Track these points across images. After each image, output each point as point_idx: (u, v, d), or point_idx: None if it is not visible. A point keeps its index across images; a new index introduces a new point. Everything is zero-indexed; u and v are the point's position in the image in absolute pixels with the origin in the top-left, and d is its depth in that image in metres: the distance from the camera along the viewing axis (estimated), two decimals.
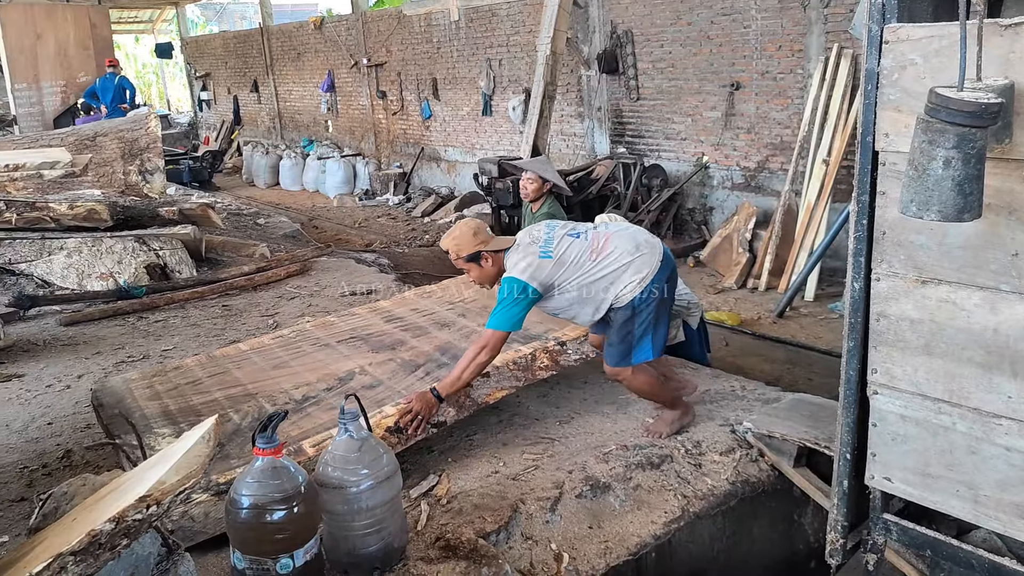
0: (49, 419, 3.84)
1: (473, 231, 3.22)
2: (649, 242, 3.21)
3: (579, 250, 3.13)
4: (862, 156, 2.17)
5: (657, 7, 8.20)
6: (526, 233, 3.30)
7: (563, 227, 3.28)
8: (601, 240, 3.17)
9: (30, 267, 5.90)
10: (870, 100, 2.11)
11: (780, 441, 3.12)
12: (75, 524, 1.65)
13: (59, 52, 12.16)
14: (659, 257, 3.15)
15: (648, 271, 3.11)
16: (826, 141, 6.75)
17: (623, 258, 3.11)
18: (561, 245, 3.15)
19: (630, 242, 3.16)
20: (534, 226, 3.35)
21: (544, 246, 3.16)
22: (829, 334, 5.76)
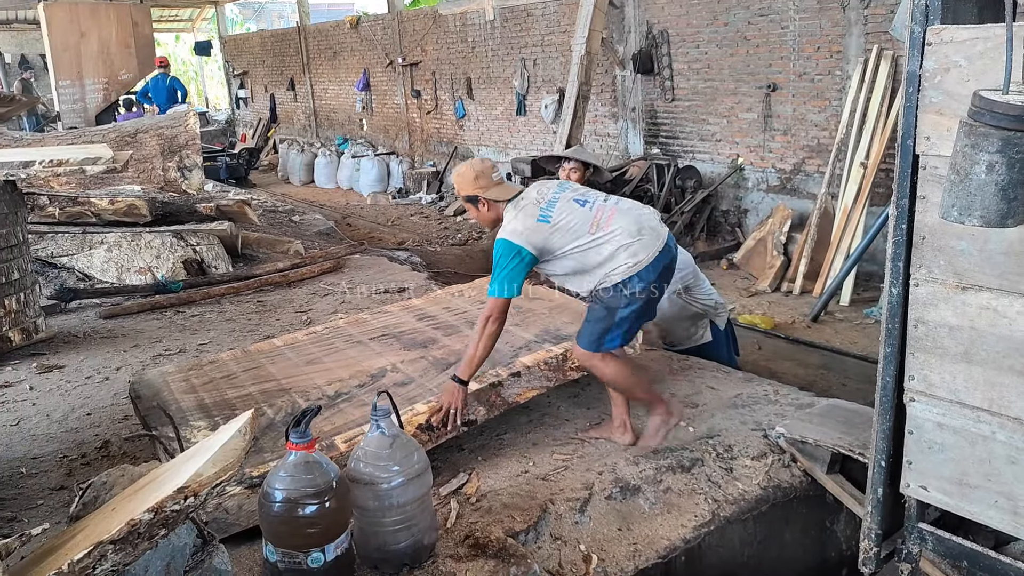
0: (88, 410, 3.92)
1: (475, 174, 3.15)
2: (653, 228, 3.08)
3: (580, 220, 3.02)
4: (902, 159, 2.14)
5: (694, 7, 8.15)
6: (535, 188, 3.19)
7: (573, 191, 3.17)
8: (606, 214, 3.05)
9: (71, 260, 6.02)
10: (911, 103, 2.08)
11: (813, 447, 3.09)
12: (114, 514, 1.69)
13: (102, 50, 12.38)
14: (659, 246, 3.03)
15: (644, 257, 2.99)
16: (864, 143, 6.66)
17: (621, 238, 2.99)
18: (563, 211, 3.04)
19: (633, 223, 3.03)
20: (545, 183, 3.25)
21: (546, 208, 3.06)
22: (865, 339, 5.68)
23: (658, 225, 3.12)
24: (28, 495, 3.10)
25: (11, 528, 2.83)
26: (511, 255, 2.98)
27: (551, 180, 3.25)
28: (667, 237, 3.09)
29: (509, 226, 3.03)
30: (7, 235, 4.52)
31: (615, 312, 3.03)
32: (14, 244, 4.59)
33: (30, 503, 3.03)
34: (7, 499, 3.06)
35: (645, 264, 2.98)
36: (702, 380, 3.94)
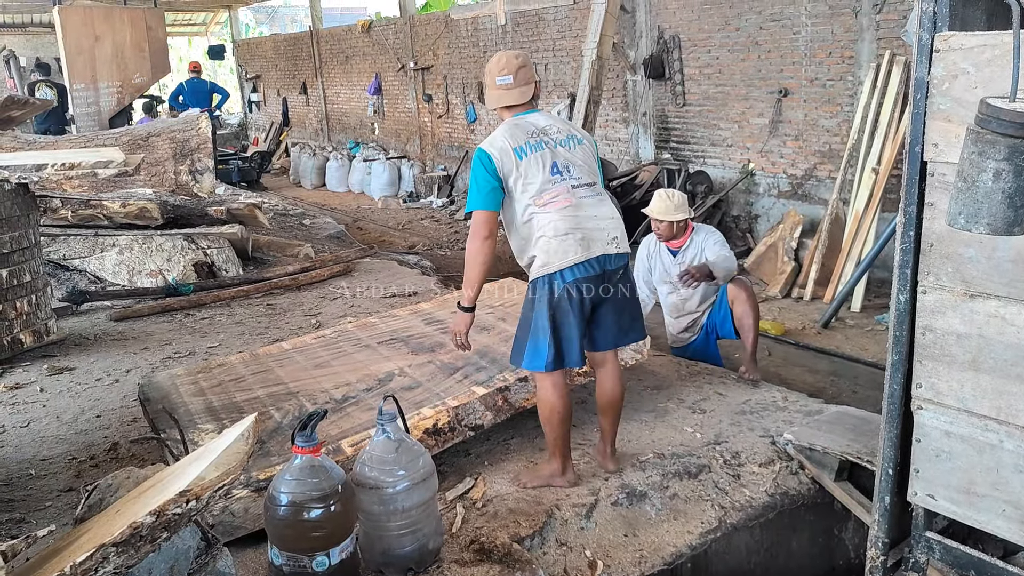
0: (98, 412, 3.94)
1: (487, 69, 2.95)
2: (597, 233, 2.80)
3: (537, 184, 2.79)
4: (910, 166, 2.13)
5: (705, 12, 8.14)
6: (544, 119, 2.95)
7: (568, 152, 2.88)
8: (560, 194, 2.80)
9: (83, 263, 6.06)
10: (919, 109, 2.07)
11: (821, 454, 3.07)
12: (118, 516, 1.70)
13: (116, 54, 12.45)
14: (591, 255, 2.78)
15: (559, 262, 2.75)
16: (876, 149, 6.63)
17: (546, 229, 2.77)
18: (536, 162, 2.81)
19: (572, 220, 2.77)
20: (557, 122, 2.97)
21: (530, 147, 2.82)
22: (875, 346, 5.65)
23: (611, 229, 2.85)
24: (37, 496, 3.12)
25: (19, 529, 2.85)
26: (478, 162, 2.82)
27: (565, 124, 3.02)
28: (615, 254, 2.84)
29: (491, 136, 2.88)
30: (19, 238, 4.56)
31: (530, 318, 2.86)
32: (26, 246, 4.63)
33: (39, 505, 3.05)
34: (16, 500, 3.08)
35: (562, 268, 2.76)
36: (710, 386, 3.93)
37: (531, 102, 2.95)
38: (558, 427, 2.91)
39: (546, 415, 2.91)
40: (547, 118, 2.97)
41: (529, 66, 2.94)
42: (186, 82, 13.18)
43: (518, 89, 2.90)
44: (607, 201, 2.95)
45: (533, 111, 2.95)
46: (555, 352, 2.81)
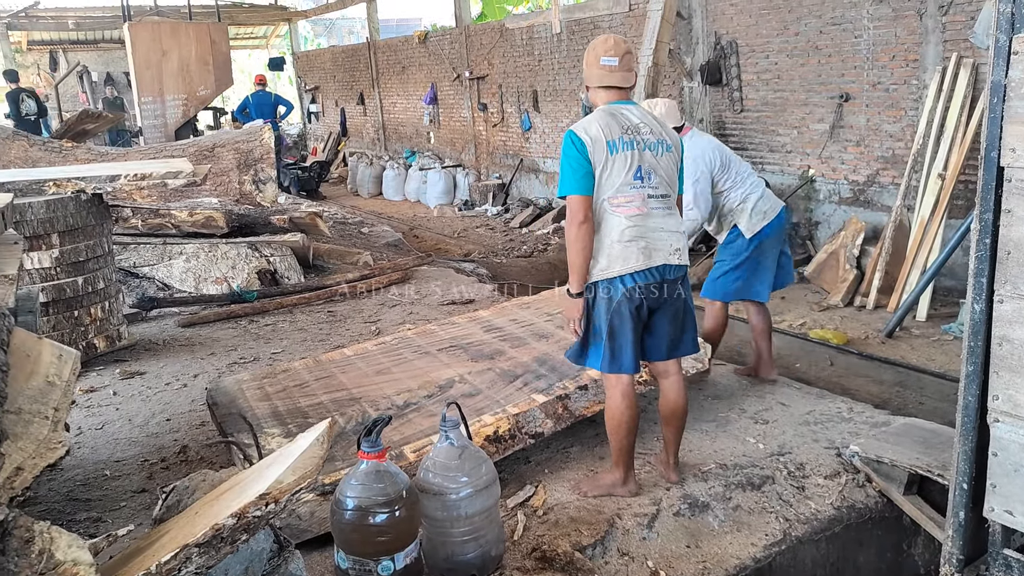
0: (167, 415, 4.06)
1: (590, 48, 2.89)
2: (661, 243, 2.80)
3: (618, 184, 2.76)
4: (986, 172, 2.07)
5: (763, 17, 8.04)
6: (639, 111, 2.88)
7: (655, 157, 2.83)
8: (634, 200, 2.78)
9: (152, 270, 6.25)
10: (995, 114, 2.02)
11: (889, 467, 3.01)
12: (197, 517, 1.75)
13: (182, 67, 12.85)
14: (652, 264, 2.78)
15: (620, 268, 2.76)
16: (942, 154, 6.46)
17: (613, 232, 2.76)
18: (624, 163, 2.76)
19: (639, 228, 2.76)
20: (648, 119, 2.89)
21: (625, 144, 2.76)
22: (942, 356, 5.49)
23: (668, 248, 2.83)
24: (112, 497, 3.22)
25: (96, 528, 2.95)
26: (570, 145, 2.77)
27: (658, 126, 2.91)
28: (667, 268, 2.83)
29: (585, 120, 2.82)
30: (94, 246, 4.73)
31: (591, 319, 2.85)
32: (100, 255, 4.80)
33: (114, 504, 3.16)
34: (93, 500, 3.19)
35: (615, 274, 2.77)
36: (773, 396, 3.88)
37: (628, 92, 2.90)
38: (624, 437, 2.90)
39: (614, 424, 2.90)
40: (642, 114, 2.91)
41: (634, 54, 2.92)
42: (252, 95, 13.55)
43: (620, 73, 2.85)
44: (676, 215, 2.94)
45: (630, 103, 2.90)
46: (611, 356, 2.82)
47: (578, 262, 2.79)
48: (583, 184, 2.75)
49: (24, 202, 4.40)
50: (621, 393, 2.86)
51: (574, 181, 2.75)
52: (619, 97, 2.89)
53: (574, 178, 2.75)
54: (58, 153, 7.62)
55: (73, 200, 4.59)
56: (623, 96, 2.90)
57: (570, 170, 2.76)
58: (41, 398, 1.80)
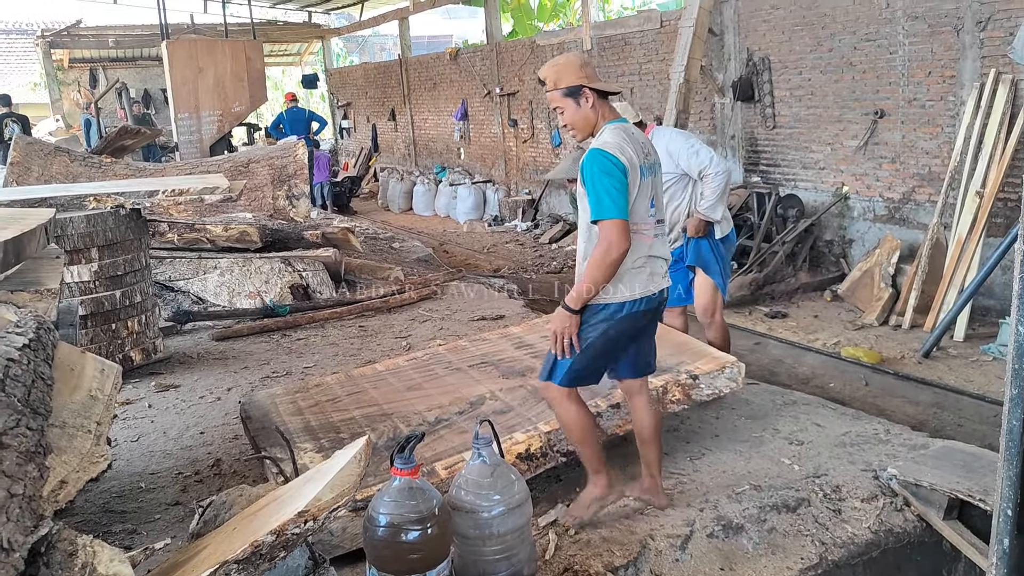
0: (201, 429, 4.10)
1: (581, 62, 2.75)
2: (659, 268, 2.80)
3: (640, 213, 2.70)
4: None
5: (796, 33, 8.00)
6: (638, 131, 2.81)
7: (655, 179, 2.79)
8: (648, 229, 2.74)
9: (187, 284, 6.34)
10: None
11: (929, 491, 2.95)
12: (235, 533, 1.76)
13: (217, 84, 13.07)
14: (655, 289, 2.78)
15: (628, 293, 2.71)
16: (980, 172, 6.37)
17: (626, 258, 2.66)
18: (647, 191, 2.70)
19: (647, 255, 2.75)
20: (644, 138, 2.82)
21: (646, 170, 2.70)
22: (981, 377, 5.39)
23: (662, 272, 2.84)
24: (147, 509, 3.26)
25: (132, 540, 2.98)
26: (612, 168, 2.61)
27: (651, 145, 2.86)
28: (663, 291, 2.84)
29: (611, 140, 2.66)
30: (132, 260, 4.81)
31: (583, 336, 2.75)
32: (138, 268, 4.87)
33: (148, 517, 3.19)
34: (128, 512, 3.22)
35: (622, 299, 2.71)
36: (807, 417, 3.82)
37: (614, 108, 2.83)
38: (592, 442, 2.87)
39: (579, 433, 2.84)
40: (639, 132, 2.82)
41: None
42: (286, 111, 13.71)
43: (602, 81, 2.79)
44: (666, 237, 2.99)
45: (623, 119, 2.80)
46: (580, 372, 2.77)
47: (599, 285, 2.67)
48: (624, 208, 2.62)
49: (65, 217, 4.49)
50: (574, 400, 2.82)
51: (615, 204, 2.60)
52: (615, 116, 2.78)
53: (617, 201, 2.60)
54: (98, 168, 7.77)
55: (112, 215, 4.67)
56: (615, 114, 2.79)
57: (615, 192, 2.60)
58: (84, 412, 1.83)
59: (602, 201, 2.60)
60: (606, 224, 2.60)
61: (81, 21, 18.91)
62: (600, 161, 2.63)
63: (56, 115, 18.88)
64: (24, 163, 7.37)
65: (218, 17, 16.58)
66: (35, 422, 1.60)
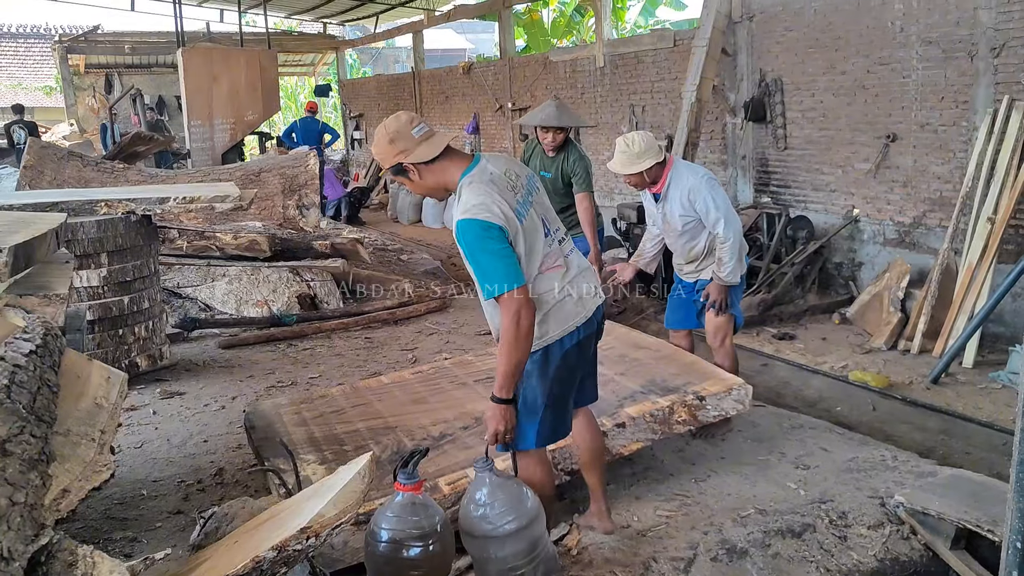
0: (205, 437, 4.10)
1: (390, 137, 2.47)
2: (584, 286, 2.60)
3: (540, 252, 2.50)
4: None
5: (810, 55, 8.01)
6: (493, 159, 2.52)
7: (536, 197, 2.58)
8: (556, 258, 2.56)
9: (195, 291, 6.35)
10: None
11: (936, 520, 2.91)
12: (237, 547, 1.75)
13: (231, 92, 13.15)
14: (588, 312, 2.59)
15: (560, 330, 2.52)
16: (992, 198, 6.33)
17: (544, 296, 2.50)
18: (533, 227, 2.48)
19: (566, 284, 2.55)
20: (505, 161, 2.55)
21: (523, 204, 2.45)
22: (990, 405, 5.34)
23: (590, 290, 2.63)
24: (148, 517, 3.25)
25: (132, 547, 2.97)
26: (485, 234, 2.36)
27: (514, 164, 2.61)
28: (598, 309, 2.66)
29: (473, 201, 2.39)
30: (141, 266, 4.82)
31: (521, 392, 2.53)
32: (146, 275, 4.89)
33: (149, 525, 3.18)
34: (129, 519, 3.22)
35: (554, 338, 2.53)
36: (814, 441, 3.80)
37: (462, 152, 2.61)
38: (548, 500, 2.65)
39: (545, 498, 2.61)
40: (495, 161, 2.54)
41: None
42: (300, 120, 13.77)
43: (439, 134, 2.53)
44: (575, 246, 2.72)
45: (476, 158, 2.53)
46: (551, 427, 2.60)
47: (520, 365, 2.43)
48: (518, 273, 2.38)
49: (76, 221, 4.51)
50: (541, 462, 2.66)
51: (506, 273, 2.36)
52: (464, 161, 2.52)
53: (506, 269, 2.36)
54: (110, 174, 7.81)
55: (123, 221, 4.69)
56: (464, 157, 2.55)
57: (499, 260, 2.36)
58: (89, 420, 1.82)
59: (491, 275, 2.38)
60: (504, 298, 2.36)
61: (99, 27, 19.08)
62: (472, 231, 2.38)
63: (71, 120, 19.01)
64: (37, 167, 7.41)
65: (234, 27, 16.72)
66: (39, 429, 1.59)
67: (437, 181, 2.53)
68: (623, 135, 3.95)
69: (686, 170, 3.94)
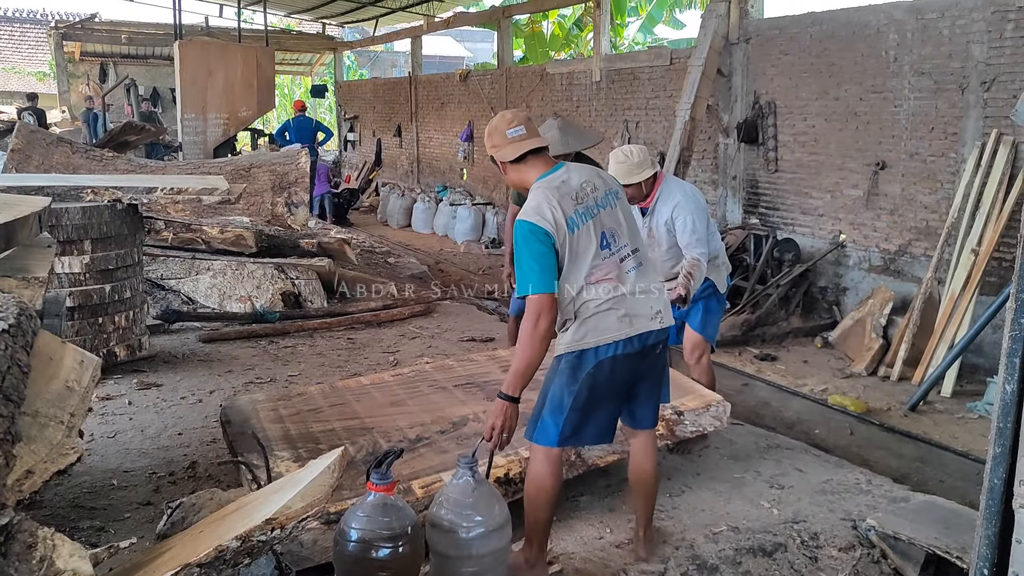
0: (179, 429, 4.06)
1: (488, 132, 2.71)
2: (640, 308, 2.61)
3: (589, 261, 2.55)
4: (1023, 252, 2.04)
5: (804, 80, 8.07)
6: (576, 170, 2.66)
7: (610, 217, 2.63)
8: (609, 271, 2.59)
9: (179, 284, 6.31)
10: None
11: (907, 544, 2.92)
12: (201, 537, 1.73)
13: (226, 87, 13.10)
14: (633, 332, 2.59)
15: (595, 339, 2.55)
16: (977, 229, 6.39)
17: (589, 304, 2.55)
18: (588, 236, 2.55)
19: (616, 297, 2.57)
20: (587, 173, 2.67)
21: (582, 215, 2.54)
22: (966, 435, 5.37)
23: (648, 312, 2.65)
24: (117, 507, 3.21)
25: (99, 537, 2.94)
26: (529, 235, 2.50)
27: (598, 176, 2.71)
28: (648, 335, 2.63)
29: (532, 205, 2.55)
30: (124, 256, 4.79)
31: (547, 389, 2.64)
32: (130, 264, 4.85)
33: (118, 515, 3.14)
34: (98, 508, 3.18)
35: (589, 345, 2.56)
36: (790, 461, 3.80)
37: (547, 155, 2.72)
38: (544, 509, 2.64)
39: (532, 493, 2.64)
40: (579, 171, 2.67)
41: (533, 121, 2.76)
42: (293, 119, 13.76)
43: (532, 139, 2.66)
44: (651, 268, 2.76)
45: (559, 166, 2.67)
46: (573, 429, 2.62)
47: (532, 367, 2.52)
48: (549, 281, 2.49)
49: (61, 207, 4.48)
50: (552, 463, 2.64)
51: (540, 278, 2.48)
52: (545, 165, 2.66)
53: (541, 274, 2.48)
54: (99, 162, 7.76)
55: (108, 209, 4.66)
56: (547, 162, 2.68)
57: (538, 265, 2.49)
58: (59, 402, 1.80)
59: (526, 274, 2.51)
60: (531, 298, 2.49)
61: (97, 15, 19.00)
62: (519, 232, 2.53)
63: (63, 106, 18.90)
64: (25, 151, 7.36)
65: (233, 22, 16.69)
66: (6, 409, 1.57)
67: (520, 178, 2.70)
68: (618, 147, 3.93)
69: (676, 186, 3.94)
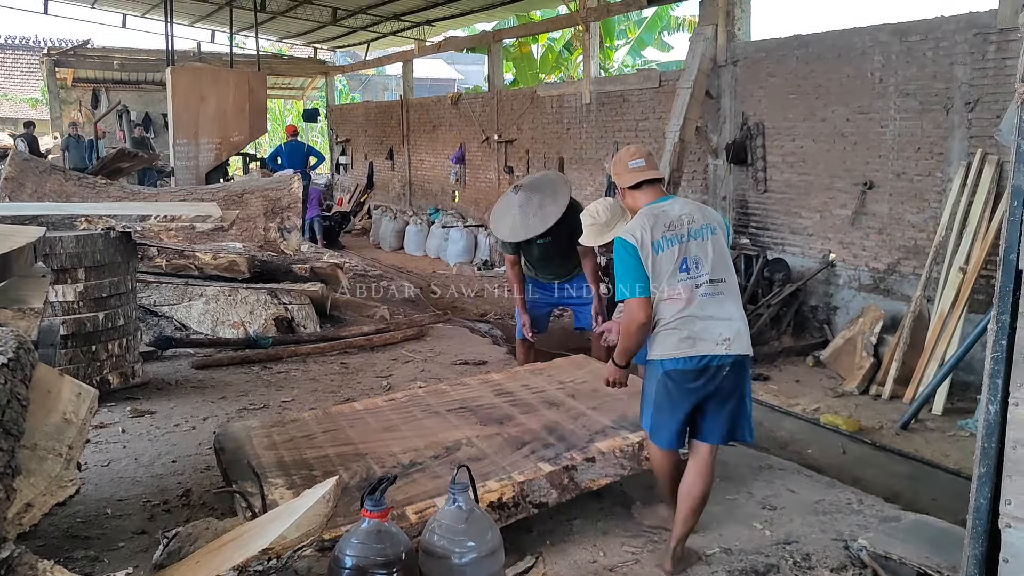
0: (174, 457, 4.06)
1: (614, 160, 3.23)
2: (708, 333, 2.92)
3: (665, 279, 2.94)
4: (1004, 274, 2.08)
5: (791, 101, 8.17)
6: (680, 203, 3.08)
7: (699, 246, 3.00)
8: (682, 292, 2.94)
9: (172, 310, 6.32)
10: (1015, 217, 2.04)
11: (898, 564, 2.94)
12: (198, 567, 1.74)
13: (218, 113, 13.14)
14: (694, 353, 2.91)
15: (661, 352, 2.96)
16: (964, 248, 6.46)
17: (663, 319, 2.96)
18: (669, 259, 2.94)
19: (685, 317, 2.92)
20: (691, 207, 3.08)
21: (668, 241, 2.95)
22: (957, 453, 5.40)
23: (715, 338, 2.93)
24: (111, 536, 3.21)
25: (93, 567, 2.93)
26: (621, 250, 2.99)
27: (700, 212, 3.08)
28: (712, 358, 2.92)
29: (631, 224, 3.05)
30: (118, 283, 4.80)
31: (647, 378, 3.11)
32: (123, 292, 4.87)
33: (112, 544, 3.14)
34: (92, 538, 3.18)
35: (656, 357, 2.98)
36: (782, 482, 3.83)
37: (661, 186, 3.15)
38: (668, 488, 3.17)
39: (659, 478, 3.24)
40: (683, 205, 3.09)
41: (654, 157, 3.25)
42: (285, 144, 13.80)
43: (649, 171, 3.12)
44: (730, 299, 3.02)
45: (668, 198, 3.10)
46: (653, 422, 3.08)
47: (631, 351, 3.07)
48: (641, 287, 2.94)
49: (55, 236, 4.50)
50: (651, 446, 3.17)
51: (631, 284, 2.96)
52: (655, 195, 3.10)
53: (633, 282, 2.95)
54: (92, 189, 7.77)
55: (102, 237, 4.68)
56: (658, 192, 3.11)
57: (629, 275, 2.96)
58: (57, 435, 1.82)
59: (621, 280, 3.00)
60: (627, 300, 2.98)
61: (90, 42, 19.09)
62: (616, 246, 3.03)
63: (55, 132, 18.93)
64: (18, 179, 7.37)
65: (225, 48, 16.78)
66: (7, 443, 1.59)
67: (634, 202, 3.15)
68: (586, 209, 4.02)
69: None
